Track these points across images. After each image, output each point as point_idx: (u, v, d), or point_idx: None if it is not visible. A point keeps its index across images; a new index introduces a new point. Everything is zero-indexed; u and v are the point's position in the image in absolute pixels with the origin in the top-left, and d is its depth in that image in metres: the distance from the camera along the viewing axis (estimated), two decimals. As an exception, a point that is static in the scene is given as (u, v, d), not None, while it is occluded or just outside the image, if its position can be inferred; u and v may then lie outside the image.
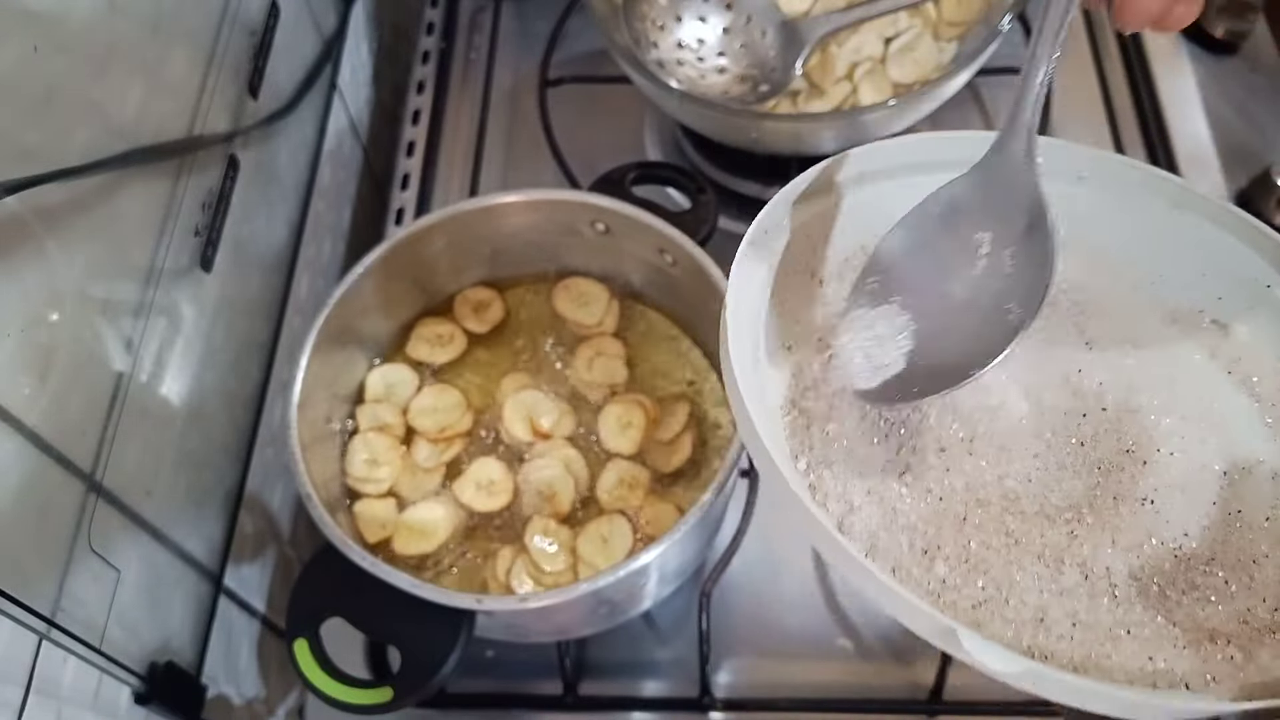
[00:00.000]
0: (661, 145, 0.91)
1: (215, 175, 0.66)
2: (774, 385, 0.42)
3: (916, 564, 0.37)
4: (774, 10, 0.77)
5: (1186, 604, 0.36)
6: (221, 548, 0.68)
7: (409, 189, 0.89)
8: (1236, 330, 0.42)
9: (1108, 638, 0.35)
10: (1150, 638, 0.35)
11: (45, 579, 0.49)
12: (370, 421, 0.68)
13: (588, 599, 0.56)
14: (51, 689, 0.48)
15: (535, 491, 0.65)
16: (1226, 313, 0.42)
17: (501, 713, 0.69)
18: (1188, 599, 0.36)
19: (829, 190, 0.44)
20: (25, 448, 0.47)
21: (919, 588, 0.36)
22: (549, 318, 0.73)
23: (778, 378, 0.42)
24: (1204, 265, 0.41)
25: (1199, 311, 0.43)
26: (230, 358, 0.69)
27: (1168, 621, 0.35)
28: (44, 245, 0.49)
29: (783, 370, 0.42)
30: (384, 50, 1.01)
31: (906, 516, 0.38)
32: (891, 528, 0.38)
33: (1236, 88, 0.90)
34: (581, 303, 0.71)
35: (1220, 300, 0.42)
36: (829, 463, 0.39)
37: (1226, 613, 0.36)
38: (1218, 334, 0.42)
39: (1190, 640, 0.35)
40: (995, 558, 0.37)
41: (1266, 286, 0.41)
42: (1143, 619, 0.36)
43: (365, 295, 0.66)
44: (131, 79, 0.57)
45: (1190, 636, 0.35)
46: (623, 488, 0.65)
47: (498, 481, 0.65)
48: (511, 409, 0.67)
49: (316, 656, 0.56)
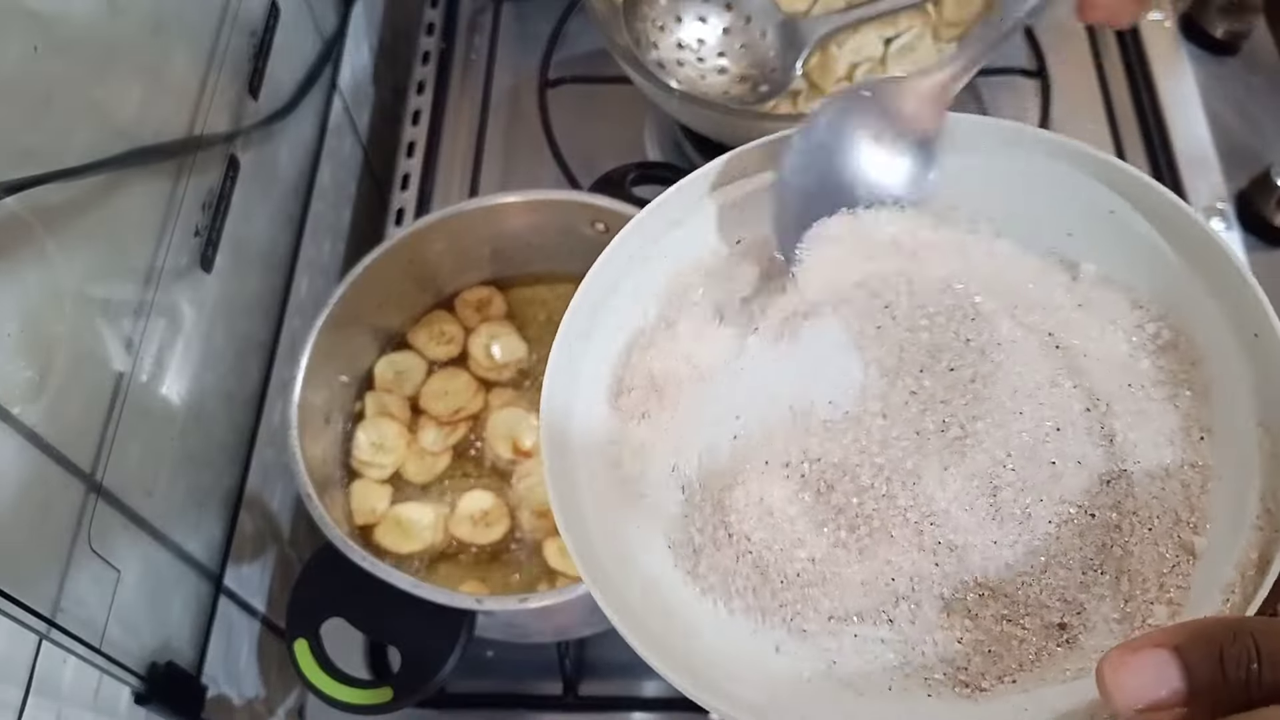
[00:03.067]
0: (662, 145, 0.91)
1: (215, 175, 0.66)
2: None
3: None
4: (774, 10, 0.77)
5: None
6: (222, 548, 0.68)
7: (409, 189, 0.88)
8: (1085, 268, 0.40)
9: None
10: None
11: (45, 579, 0.49)
12: (377, 407, 0.68)
13: (588, 599, 0.56)
14: (51, 689, 0.48)
15: (531, 512, 0.64)
16: (1075, 250, 0.40)
17: (501, 713, 0.69)
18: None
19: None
20: (25, 448, 0.47)
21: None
22: (548, 322, 0.73)
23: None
24: (1047, 203, 0.39)
25: (1049, 251, 0.40)
26: (230, 358, 0.69)
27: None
28: (44, 245, 0.49)
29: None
30: (384, 51, 1.01)
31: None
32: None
33: (1236, 88, 0.90)
34: None
35: (1070, 237, 0.40)
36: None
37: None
38: (1067, 274, 0.40)
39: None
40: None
41: (1110, 212, 0.39)
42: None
43: (365, 296, 0.66)
44: (132, 79, 0.57)
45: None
46: None
47: (491, 510, 0.65)
48: (493, 428, 0.67)
49: (316, 656, 0.56)
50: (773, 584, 0.36)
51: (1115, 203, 0.39)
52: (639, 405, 0.40)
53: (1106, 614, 0.33)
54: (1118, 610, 0.33)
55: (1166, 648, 0.26)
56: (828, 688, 0.34)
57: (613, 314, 0.41)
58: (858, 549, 0.36)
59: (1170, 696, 0.25)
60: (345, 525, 0.65)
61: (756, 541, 0.36)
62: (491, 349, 0.70)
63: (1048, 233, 0.40)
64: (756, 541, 0.36)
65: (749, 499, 0.37)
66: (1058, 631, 0.33)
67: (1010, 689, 0.32)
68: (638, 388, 0.40)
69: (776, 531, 0.36)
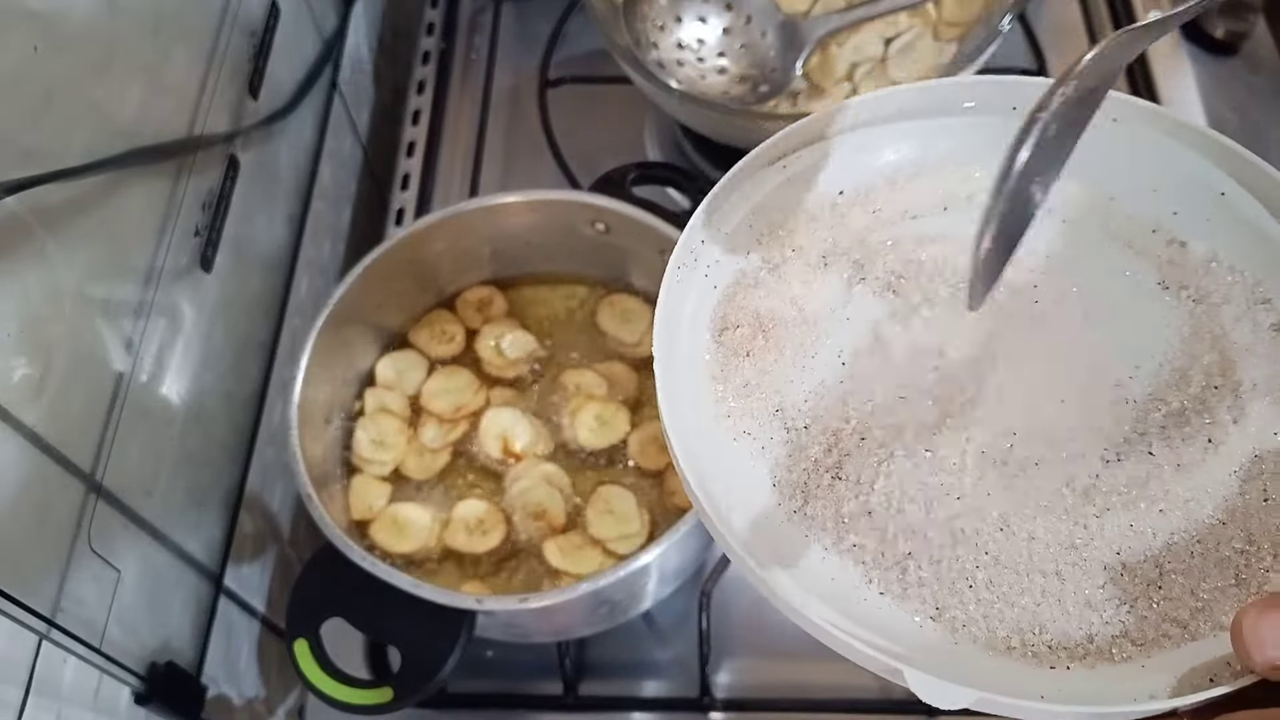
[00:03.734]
0: (662, 145, 0.91)
1: (215, 175, 0.66)
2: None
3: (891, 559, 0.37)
4: (774, 10, 0.77)
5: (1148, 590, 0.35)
6: (222, 548, 0.68)
7: (409, 189, 0.89)
8: (1194, 247, 0.40)
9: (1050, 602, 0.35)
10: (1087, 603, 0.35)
11: (45, 579, 0.49)
12: (377, 404, 0.68)
13: (588, 599, 0.56)
14: (51, 689, 0.48)
15: (526, 515, 0.64)
16: (1182, 228, 0.40)
17: (501, 713, 0.69)
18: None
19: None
20: (25, 448, 0.47)
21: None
22: (549, 321, 0.73)
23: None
24: (1156, 180, 0.40)
25: (1153, 231, 0.41)
26: (230, 358, 0.69)
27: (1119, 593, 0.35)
28: (44, 245, 0.49)
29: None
30: (384, 50, 1.01)
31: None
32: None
33: (1236, 88, 0.90)
34: (624, 319, 0.71)
35: (1176, 215, 0.40)
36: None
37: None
38: (1177, 252, 0.40)
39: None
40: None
41: (1221, 193, 0.39)
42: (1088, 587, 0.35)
43: (365, 296, 0.66)
44: (132, 79, 0.57)
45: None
46: (654, 445, 0.66)
47: (485, 519, 0.65)
48: (486, 427, 0.67)
49: (317, 656, 0.56)
50: (884, 532, 0.36)
51: (1227, 184, 0.39)
52: (744, 343, 0.40)
53: (1225, 585, 0.34)
54: (1236, 579, 0.34)
55: None
56: (935, 638, 0.34)
57: (719, 249, 0.42)
58: (978, 504, 0.36)
59: None
60: (343, 520, 0.65)
61: (875, 490, 0.37)
62: (501, 345, 0.70)
63: (1154, 209, 0.41)
64: (875, 490, 0.37)
65: (862, 447, 0.38)
66: (1190, 598, 0.34)
67: (1136, 656, 0.33)
68: (743, 325, 0.40)
69: (890, 480, 0.37)
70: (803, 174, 0.43)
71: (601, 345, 0.72)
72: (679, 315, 0.40)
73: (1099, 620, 0.34)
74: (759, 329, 0.40)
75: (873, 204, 0.43)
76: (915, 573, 0.35)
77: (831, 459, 0.38)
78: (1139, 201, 0.40)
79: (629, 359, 0.71)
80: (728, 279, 0.41)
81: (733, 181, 0.42)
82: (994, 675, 0.32)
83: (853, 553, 0.36)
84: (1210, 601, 0.33)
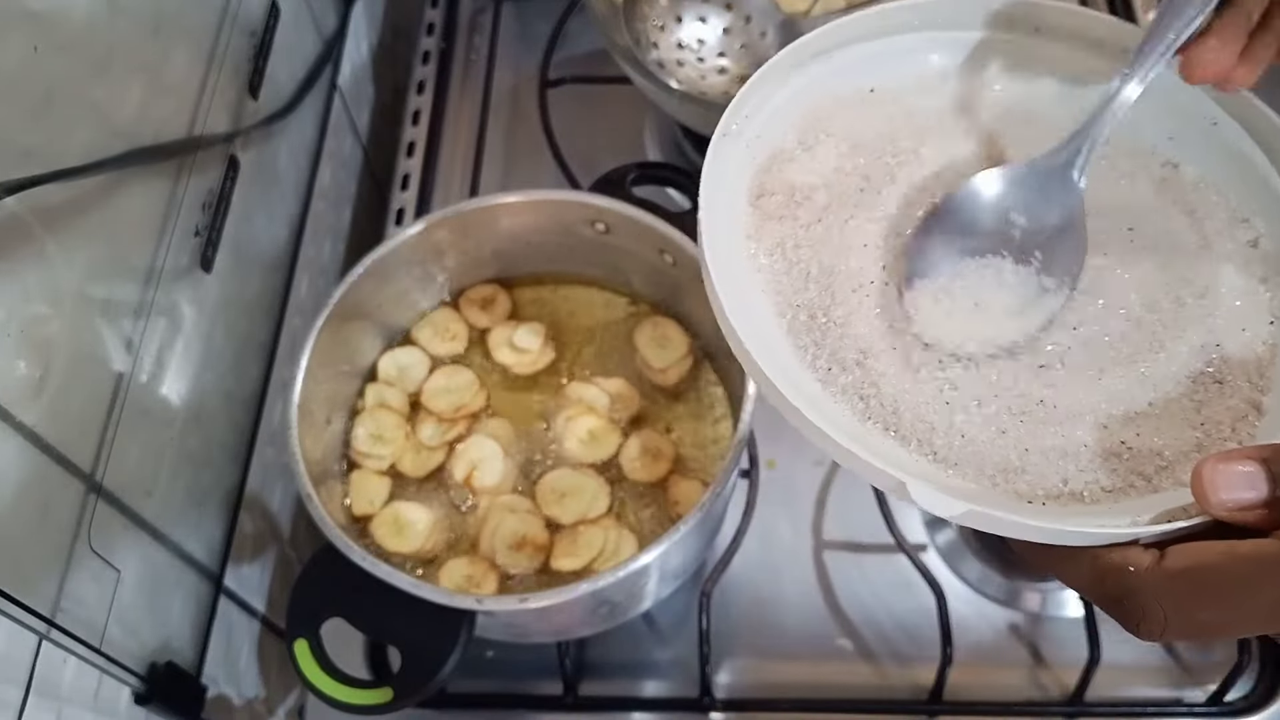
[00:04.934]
0: (661, 145, 0.91)
1: (215, 175, 0.66)
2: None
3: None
4: (774, 10, 0.77)
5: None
6: (222, 548, 0.68)
7: (409, 189, 0.89)
8: (1185, 169, 0.45)
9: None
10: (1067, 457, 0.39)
11: (45, 579, 0.49)
12: (378, 400, 0.68)
13: (588, 599, 0.56)
14: (51, 689, 0.48)
15: (508, 551, 0.63)
16: (1176, 152, 0.45)
17: (502, 713, 0.69)
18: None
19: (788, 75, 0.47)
20: (25, 448, 0.47)
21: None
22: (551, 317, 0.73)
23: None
24: (1152, 106, 0.43)
25: (1151, 152, 0.46)
26: (230, 358, 0.69)
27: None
28: (44, 246, 0.49)
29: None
30: (384, 51, 1.01)
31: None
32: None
33: (1237, 88, 0.90)
34: (660, 344, 0.70)
35: (1171, 140, 0.45)
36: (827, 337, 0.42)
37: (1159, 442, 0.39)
38: (1170, 172, 0.45)
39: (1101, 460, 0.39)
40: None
41: (1213, 123, 0.44)
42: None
43: (365, 295, 0.66)
44: (132, 79, 0.57)
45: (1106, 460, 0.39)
46: (646, 456, 0.66)
47: (474, 574, 0.63)
48: (462, 450, 0.67)
49: (317, 657, 0.56)
50: (878, 381, 0.41)
51: (1219, 115, 0.44)
52: (777, 209, 0.45)
53: (1188, 450, 0.39)
54: (1198, 446, 0.39)
55: (1256, 460, 0.32)
56: (930, 470, 0.39)
57: (758, 124, 0.46)
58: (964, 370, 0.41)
59: (1256, 499, 0.32)
60: (342, 516, 0.65)
61: (873, 352, 0.41)
62: (514, 340, 0.70)
63: (1151, 133, 0.45)
64: (873, 352, 0.41)
65: (865, 303, 0.42)
66: (1156, 458, 0.39)
67: (1105, 500, 0.38)
68: (778, 194, 0.45)
69: (891, 338, 0.42)
70: (842, 68, 0.47)
71: (623, 359, 0.71)
72: (721, 178, 0.44)
73: (1074, 469, 0.38)
74: (791, 198, 0.45)
75: (903, 102, 0.47)
76: (907, 415, 0.40)
77: (840, 312, 0.42)
78: (1141, 125, 0.45)
79: (647, 381, 0.70)
80: (766, 153, 0.46)
81: (777, 66, 0.45)
82: (981, 499, 0.37)
83: (847, 394, 0.40)
84: (1173, 462, 0.38)
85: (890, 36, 0.47)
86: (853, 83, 0.47)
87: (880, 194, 0.45)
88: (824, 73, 0.47)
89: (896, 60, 0.47)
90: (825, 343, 0.42)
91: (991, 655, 0.69)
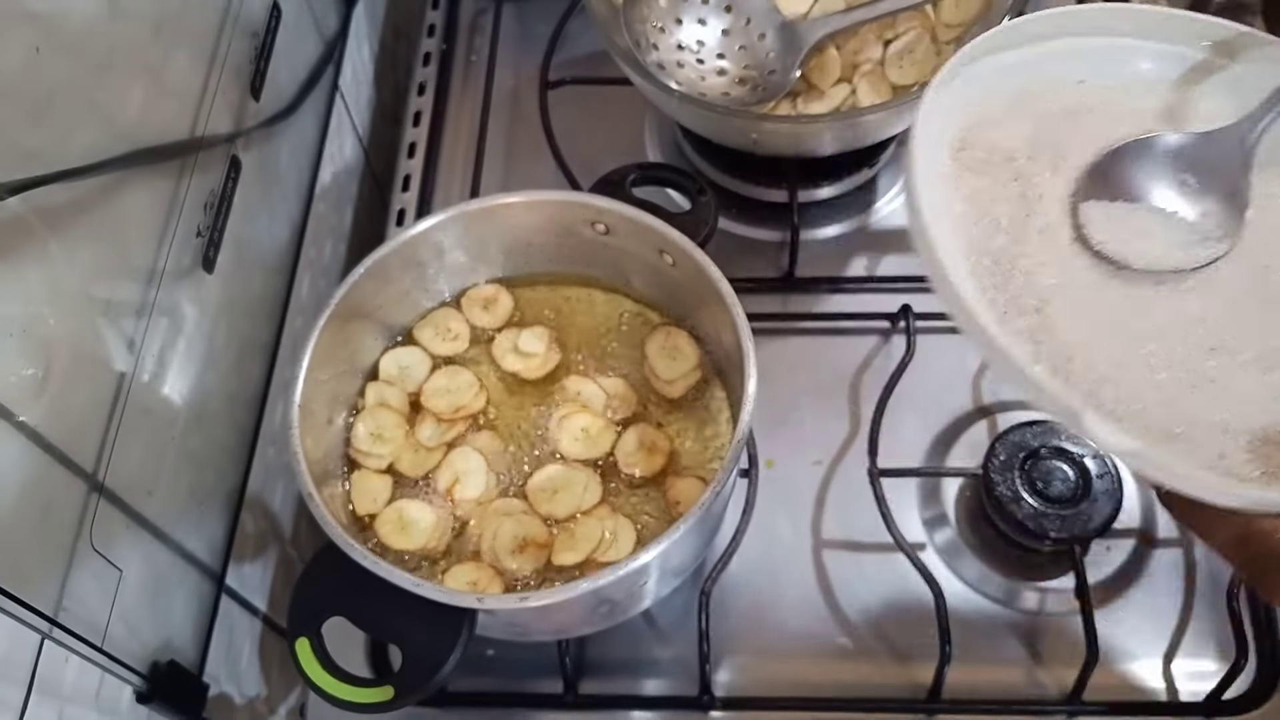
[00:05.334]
0: (662, 147, 0.91)
1: (217, 176, 0.67)
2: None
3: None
4: (774, 12, 0.77)
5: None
6: (223, 547, 0.68)
7: (410, 190, 0.89)
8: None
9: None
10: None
11: (47, 578, 0.49)
12: (378, 399, 0.68)
13: (588, 598, 0.56)
14: (53, 688, 0.48)
15: (510, 555, 0.63)
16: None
17: (502, 711, 0.70)
18: None
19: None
20: (28, 447, 0.47)
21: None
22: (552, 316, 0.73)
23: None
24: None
25: None
26: (232, 358, 0.69)
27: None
28: (46, 246, 0.49)
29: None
30: (385, 52, 1.02)
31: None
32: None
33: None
34: (671, 356, 0.69)
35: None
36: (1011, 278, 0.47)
37: None
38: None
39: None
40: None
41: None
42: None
43: (366, 296, 0.67)
44: (133, 80, 0.57)
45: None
46: (641, 450, 0.66)
47: (477, 580, 0.63)
48: (450, 459, 0.66)
49: (318, 655, 0.56)
50: (1057, 341, 0.44)
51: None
52: (976, 164, 0.49)
53: None
54: None
55: None
56: None
57: (973, 85, 0.51)
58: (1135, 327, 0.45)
59: None
60: (345, 516, 0.65)
61: (1054, 301, 0.45)
62: (519, 345, 0.70)
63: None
64: (1054, 301, 0.45)
65: (1062, 261, 0.47)
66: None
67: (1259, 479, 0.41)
68: (978, 150, 0.50)
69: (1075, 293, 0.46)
70: (1055, 55, 0.52)
71: (624, 361, 0.71)
72: (929, 123, 0.48)
73: (1232, 446, 0.41)
74: (991, 157, 0.49)
75: (1110, 98, 0.52)
76: (1079, 363, 0.43)
77: (1027, 263, 0.46)
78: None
79: (650, 388, 0.69)
80: (974, 112, 0.51)
81: (994, 39, 0.51)
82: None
83: (1020, 336, 0.44)
84: None
85: (1103, 37, 0.52)
86: (1065, 70, 0.53)
87: (1076, 167, 0.50)
88: (1037, 55, 0.52)
89: (1107, 59, 0.53)
90: (1007, 287, 0.46)
91: (990, 654, 0.69)
